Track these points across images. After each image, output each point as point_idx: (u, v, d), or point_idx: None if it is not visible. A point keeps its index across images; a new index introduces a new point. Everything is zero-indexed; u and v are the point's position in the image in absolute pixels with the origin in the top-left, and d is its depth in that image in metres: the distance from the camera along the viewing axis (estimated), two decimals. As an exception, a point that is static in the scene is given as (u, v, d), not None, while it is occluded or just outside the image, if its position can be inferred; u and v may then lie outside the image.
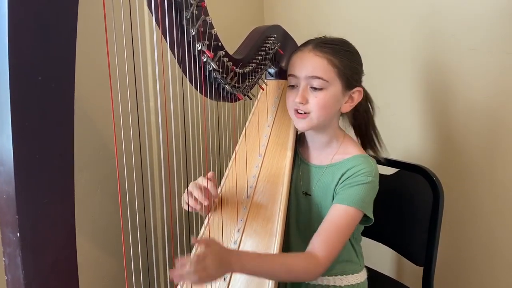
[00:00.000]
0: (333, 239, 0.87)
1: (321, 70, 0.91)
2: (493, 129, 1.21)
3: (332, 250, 0.87)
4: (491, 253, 1.26)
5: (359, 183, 0.91)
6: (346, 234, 0.90)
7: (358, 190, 0.90)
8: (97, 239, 1.15)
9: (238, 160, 1.04)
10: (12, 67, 0.44)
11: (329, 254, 0.86)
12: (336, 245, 0.87)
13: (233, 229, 0.92)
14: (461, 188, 1.28)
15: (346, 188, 0.92)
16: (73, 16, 0.48)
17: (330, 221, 0.89)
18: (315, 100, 0.92)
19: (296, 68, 0.94)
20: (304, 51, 0.94)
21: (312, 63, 0.92)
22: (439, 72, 1.29)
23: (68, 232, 0.51)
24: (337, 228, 0.88)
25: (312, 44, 0.94)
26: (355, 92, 0.96)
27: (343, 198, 0.90)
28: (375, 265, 1.22)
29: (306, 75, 0.92)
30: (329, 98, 0.93)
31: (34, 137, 0.47)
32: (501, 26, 1.15)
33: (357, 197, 0.90)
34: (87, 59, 0.96)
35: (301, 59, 0.94)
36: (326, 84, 0.92)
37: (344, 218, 0.89)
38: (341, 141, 1.00)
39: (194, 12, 0.74)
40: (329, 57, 0.92)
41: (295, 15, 1.60)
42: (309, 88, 0.93)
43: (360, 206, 0.89)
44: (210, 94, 0.87)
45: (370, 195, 0.92)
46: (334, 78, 0.92)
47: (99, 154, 1.13)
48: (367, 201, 0.91)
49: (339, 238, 0.88)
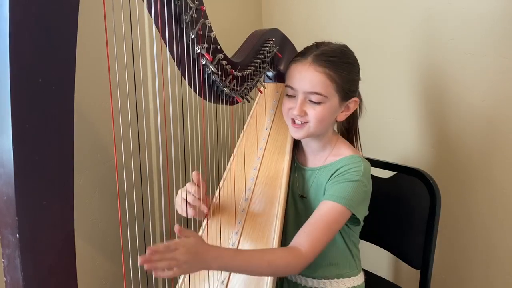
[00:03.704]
0: (317, 233, 0.86)
1: (320, 86, 0.91)
2: (490, 132, 1.22)
3: (316, 244, 0.85)
4: (487, 256, 1.27)
5: (346, 180, 0.91)
6: (332, 230, 0.89)
7: (345, 187, 0.90)
8: (95, 241, 1.15)
9: (237, 163, 1.05)
10: (13, 69, 0.45)
11: (312, 248, 0.85)
12: (320, 240, 0.86)
13: (231, 231, 0.93)
14: (458, 192, 1.29)
15: (334, 185, 0.92)
16: (73, 19, 0.49)
17: (316, 216, 0.89)
18: (313, 113, 0.93)
19: (294, 80, 0.94)
20: (304, 64, 0.93)
21: (311, 78, 0.92)
22: (436, 76, 1.30)
23: (67, 234, 0.51)
24: (323, 224, 0.88)
25: (312, 57, 0.92)
26: (351, 102, 0.98)
27: (330, 194, 0.91)
28: (372, 268, 1.23)
29: (305, 90, 0.92)
30: (327, 111, 0.93)
31: (34, 139, 0.47)
32: (497, 30, 1.16)
33: (344, 193, 0.89)
34: (87, 62, 0.96)
35: (300, 72, 0.93)
36: (325, 99, 0.92)
37: (330, 214, 0.88)
38: (334, 143, 1.01)
39: (194, 15, 0.74)
40: (329, 72, 0.91)
41: (293, 18, 1.61)
42: (307, 101, 0.93)
43: (347, 205, 0.89)
44: (208, 96, 0.87)
45: (359, 195, 0.91)
46: (333, 93, 0.93)
47: (97, 156, 1.13)
48: (356, 200, 0.90)
49: (324, 233, 0.87)
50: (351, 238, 1.01)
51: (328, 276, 1.00)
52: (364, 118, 1.08)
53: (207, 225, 0.93)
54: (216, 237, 0.90)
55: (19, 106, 0.46)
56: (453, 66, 1.25)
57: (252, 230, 0.92)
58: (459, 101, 1.25)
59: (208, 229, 0.92)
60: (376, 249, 1.22)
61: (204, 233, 0.92)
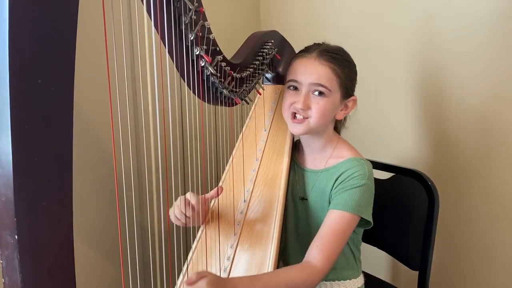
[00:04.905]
0: (330, 246, 0.87)
1: (325, 78, 0.93)
2: (488, 134, 1.22)
3: (330, 257, 0.87)
4: (486, 257, 1.27)
5: (353, 187, 0.91)
6: (343, 239, 0.90)
7: (352, 194, 0.91)
8: (94, 242, 1.15)
9: (235, 164, 1.05)
10: (12, 70, 0.45)
11: (327, 261, 0.86)
12: (333, 252, 0.87)
13: (230, 233, 0.93)
14: (456, 193, 1.29)
15: (340, 193, 0.92)
16: (73, 20, 0.49)
17: (326, 227, 0.89)
18: (316, 106, 0.93)
19: (299, 74, 0.95)
20: (309, 58, 0.95)
21: (317, 70, 0.93)
22: (434, 77, 1.30)
23: (66, 235, 0.51)
24: (334, 234, 0.88)
25: (317, 52, 0.95)
26: (350, 101, 0.99)
27: (338, 203, 0.91)
28: (371, 269, 1.23)
29: (310, 82, 0.93)
30: (329, 106, 0.94)
31: (33, 140, 0.47)
32: (495, 32, 1.16)
33: (351, 201, 0.90)
34: (87, 63, 0.96)
35: (305, 66, 0.95)
36: (329, 93, 0.93)
37: (340, 224, 0.89)
38: (335, 145, 1.01)
39: (193, 17, 0.74)
40: (333, 67, 0.93)
41: (292, 20, 1.61)
42: (310, 95, 0.94)
43: (356, 211, 0.89)
44: (207, 98, 0.87)
45: (366, 198, 0.92)
46: (336, 87, 0.94)
47: (95, 157, 1.13)
48: (363, 204, 0.91)
49: (336, 244, 0.88)
50: (354, 241, 1.01)
51: (330, 279, 1.00)
52: (363, 119, 1.09)
53: (205, 227, 0.93)
54: (215, 238, 0.90)
55: (18, 107, 0.45)
56: (451, 67, 1.25)
57: (251, 231, 0.92)
58: (457, 102, 1.25)
59: (206, 231, 0.92)
60: (375, 250, 1.22)
61: (203, 235, 0.92)
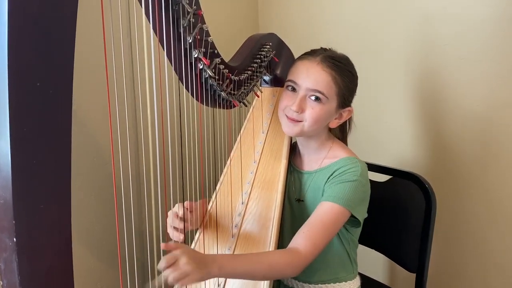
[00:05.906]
0: (316, 235, 0.86)
1: (323, 85, 0.93)
2: (485, 137, 1.22)
3: (315, 246, 0.86)
4: (483, 260, 1.28)
5: (344, 181, 0.92)
6: (331, 231, 0.89)
7: (343, 187, 0.91)
8: (92, 245, 1.15)
9: (233, 166, 1.05)
10: (11, 73, 0.45)
11: (311, 249, 0.85)
12: (319, 241, 0.86)
13: (228, 235, 0.93)
14: (453, 195, 1.30)
15: (332, 186, 0.93)
16: (72, 23, 0.49)
17: (315, 217, 0.89)
18: (310, 111, 0.94)
19: (299, 76, 0.95)
20: (312, 62, 0.94)
21: (317, 76, 0.93)
22: (430, 81, 1.31)
23: (64, 238, 0.51)
24: (322, 225, 0.88)
25: (321, 57, 0.94)
26: (346, 111, 0.99)
27: (329, 195, 0.91)
28: (368, 271, 1.23)
29: (308, 87, 0.93)
30: (324, 113, 0.94)
31: (32, 142, 0.47)
32: (491, 36, 1.17)
33: (342, 194, 0.90)
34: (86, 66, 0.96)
35: (307, 69, 0.94)
36: (325, 100, 0.93)
37: (329, 215, 0.89)
38: (330, 146, 1.02)
39: (191, 20, 0.74)
40: (334, 74, 0.93)
41: (290, 23, 1.62)
42: (307, 98, 0.94)
43: (346, 205, 0.89)
44: (206, 100, 0.88)
45: (357, 195, 0.92)
46: (333, 96, 0.94)
47: (94, 160, 1.13)
48: (354, 200, 0.91)
49: (323, 234, 0.87)
50: (349, 242, 1.01)
51: (325, 281, 1.00)
52: (360, 122, 1.09)
53: (203, 229, 0.93)
54: (213, 240, 0.90)
55: (17, 109, 0.46)
56: (447, 71, 1.26)
57: (249, 234, 0.92)
58: (454, 105, 1.26)
59: (204, 233, 0.92)
60: (372, 252, 1.22)
61: (201, 238, 0.92)
